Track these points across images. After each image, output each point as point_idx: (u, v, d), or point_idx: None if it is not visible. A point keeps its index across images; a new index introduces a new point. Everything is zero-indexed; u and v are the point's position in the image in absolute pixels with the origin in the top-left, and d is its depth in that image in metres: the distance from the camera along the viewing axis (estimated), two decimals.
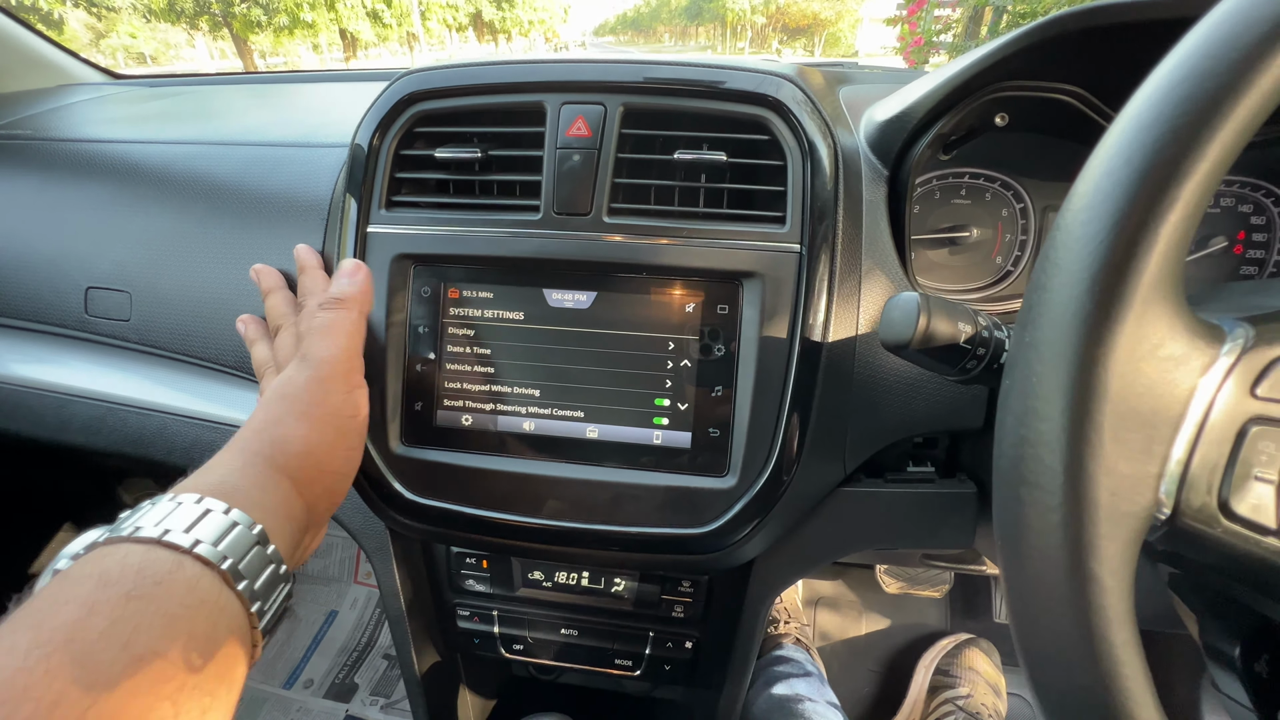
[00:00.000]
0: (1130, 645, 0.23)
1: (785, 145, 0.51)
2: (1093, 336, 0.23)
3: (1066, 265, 0.24)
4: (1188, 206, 0.22)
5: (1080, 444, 0.23)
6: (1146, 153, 0.22)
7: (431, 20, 29.74)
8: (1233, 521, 0.24)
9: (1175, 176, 0.22)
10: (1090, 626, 0.22)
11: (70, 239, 0.67)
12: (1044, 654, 0.24)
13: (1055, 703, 0.25)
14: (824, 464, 0.52)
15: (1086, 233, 0.23)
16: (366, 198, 0.55)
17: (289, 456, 0.41)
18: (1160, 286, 0.23)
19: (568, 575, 0.61)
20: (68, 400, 0.66)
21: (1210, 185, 0.22)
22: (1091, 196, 0.24)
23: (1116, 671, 0.22)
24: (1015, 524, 0.25)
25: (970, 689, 1.13)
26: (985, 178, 0.64)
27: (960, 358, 0.37)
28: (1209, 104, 0.21)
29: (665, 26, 70.11)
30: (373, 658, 1.33)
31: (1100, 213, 0.23)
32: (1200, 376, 0.23)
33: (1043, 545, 0.23)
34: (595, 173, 0.52)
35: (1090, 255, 0.23)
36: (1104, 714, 0.23)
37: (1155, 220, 0.22)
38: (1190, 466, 0.23)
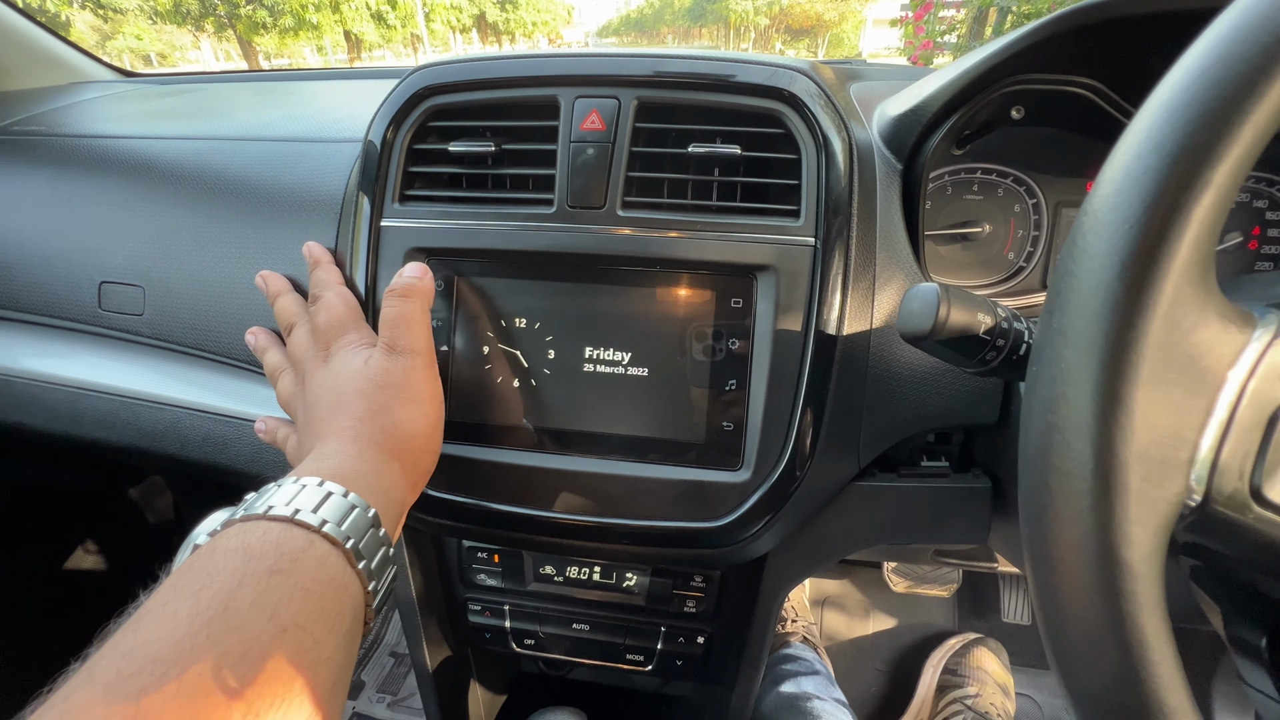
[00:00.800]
0: (1162, 633, 0.22)
1: (799, 138, 0.51)
2: (1124, 321, 0.22)
3: (1095, 250, 0.23)
4: (1220, 190, 0.22)
5: (1111, 429, 0.22)
6: (1178, 136, 0.22)
7: (435, 22, 29.83)
8: (1265, 508, 0.23)
9: (1208, 160, 0.22)
10: (1121, 614, 0.22)
11: (84, 234, 0.67)
12: (1073, 643, 0.24)
13: (1084, 692, 0.25)
14: (838, 459, 0.52)
15: (1116, 217, 0.23)
16: (380, 192, 0.55)
17: (399, 440, 0.43)
18: (1192, 271, 0.22)
19: (580, 570, 0.61)
20: (81, 394, 0.66)
21: (1243, 169, 0.22)
22: (1121, 181, 0.24)
23: (1148, 658, 0.22)
24: (1044, 513, 0.24)
25: (979, 688, 1.12)
26: (998, 173, 0.64)
27: (980, 349, 0.37)
28: (1241, 86, 0.21)
29: (668, 28, 70.26)
30: (379, 655, 1.33)
31: (1131, 197, 0.23)
32: (1232, 362, 0.23)
33: (1072, 533, 0.23)
34: (609, 166, 0.52)
35: (1121, 239, 0.23)
36: (1136, 702, 0.23)
37: (1187, 204, 0.22)
38: (1222, 453, 0.23)
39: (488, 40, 54.47)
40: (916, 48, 4.04)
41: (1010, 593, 1.30)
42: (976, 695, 1.11)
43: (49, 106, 0.84)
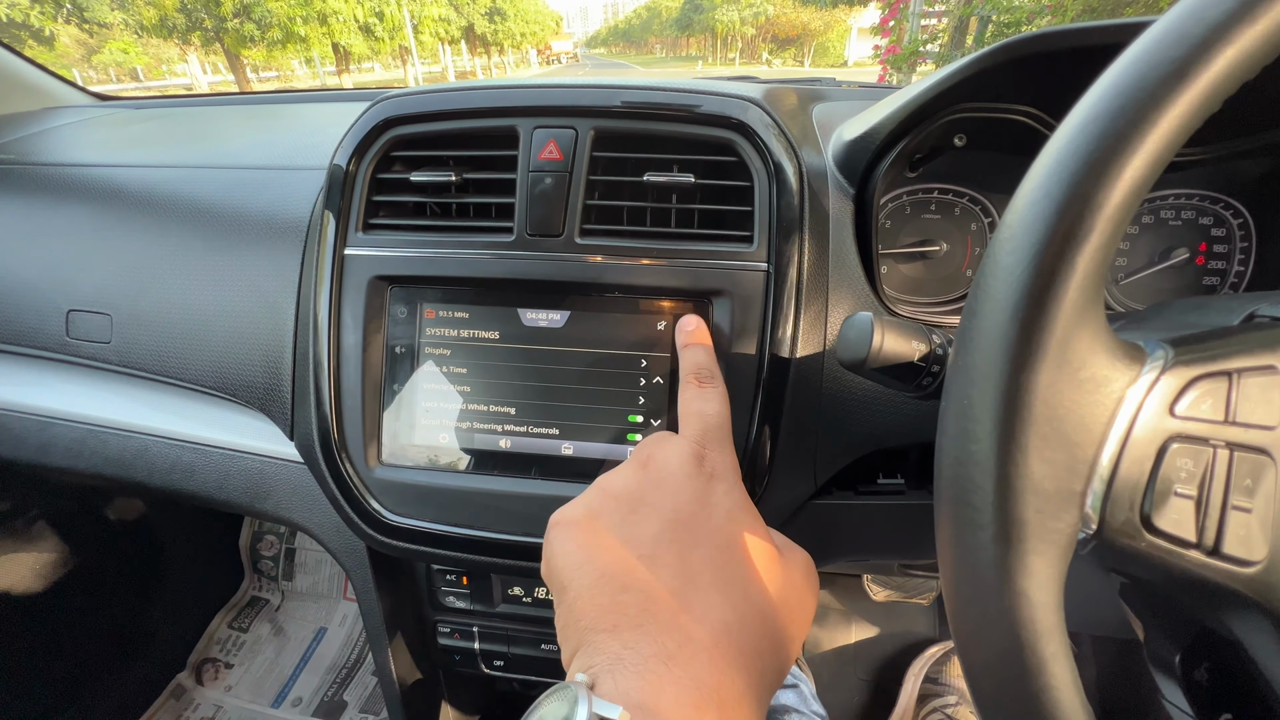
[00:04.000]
0: (1060, 658, 0.24)
1: (752, 166, 0.52)
2: (1017, 362, 0.24)
3: (994, 293, 0.25)
4: (1103, 236, 0.23)
5: (1007, 465, 0.24)
6: (1064, 186, 0.24)
7: (424, 34, 29.96)
8: (1155, 536, 0.25)
9: (1089, 208, 0.23)
10: (1020, 641, 0.23)
11: (52, 262, 0.67)
12: (981, 667, 0.25)
13: (992, 713, 0.26)
14: (794, 478, 0.53)
15: (1010, 262, 0.24)
16: (344, 220, 0.56)
17: (763, 658, 0.31)
18: (1081, 313, 0.24)
19: (548, 591, 0.61)
20: (49, 423, 0.66)
21: (1126, 214, 0.23)
22: (1015, 228, 0.25)
23: (1046, 684, 0.23)
24: (951, 542, 0.25)
25: (959, 697, 1.13)
26: (954, 193, 0.65)
27: (915, 375, 0.38)
28: (1117, 140, 0.23)
29: (656, 38, 70.68)
30: (362, 674, 1.33)
31: (1022, 244, 0.24)
32: (1121, 397, 0.25)
33: (975, 562, 0.24)
34: (567, 195, 0.53)
35: (1014, 284, 0.24)
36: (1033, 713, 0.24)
37: (1072, 251, 0.23)
38: (1114, 484, 0.25)
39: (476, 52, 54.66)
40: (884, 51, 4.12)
41: None
42: (956, 704, 1.12)
43: (20, 134, 0.85)
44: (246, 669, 1.33)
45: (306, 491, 0.60)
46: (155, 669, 1.26)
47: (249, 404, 0.61)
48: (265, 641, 1.38)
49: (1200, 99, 0.22)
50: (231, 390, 0.61)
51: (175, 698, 1.26)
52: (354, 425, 0.55)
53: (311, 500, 0.60)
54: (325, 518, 0.59)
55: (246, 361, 0.61)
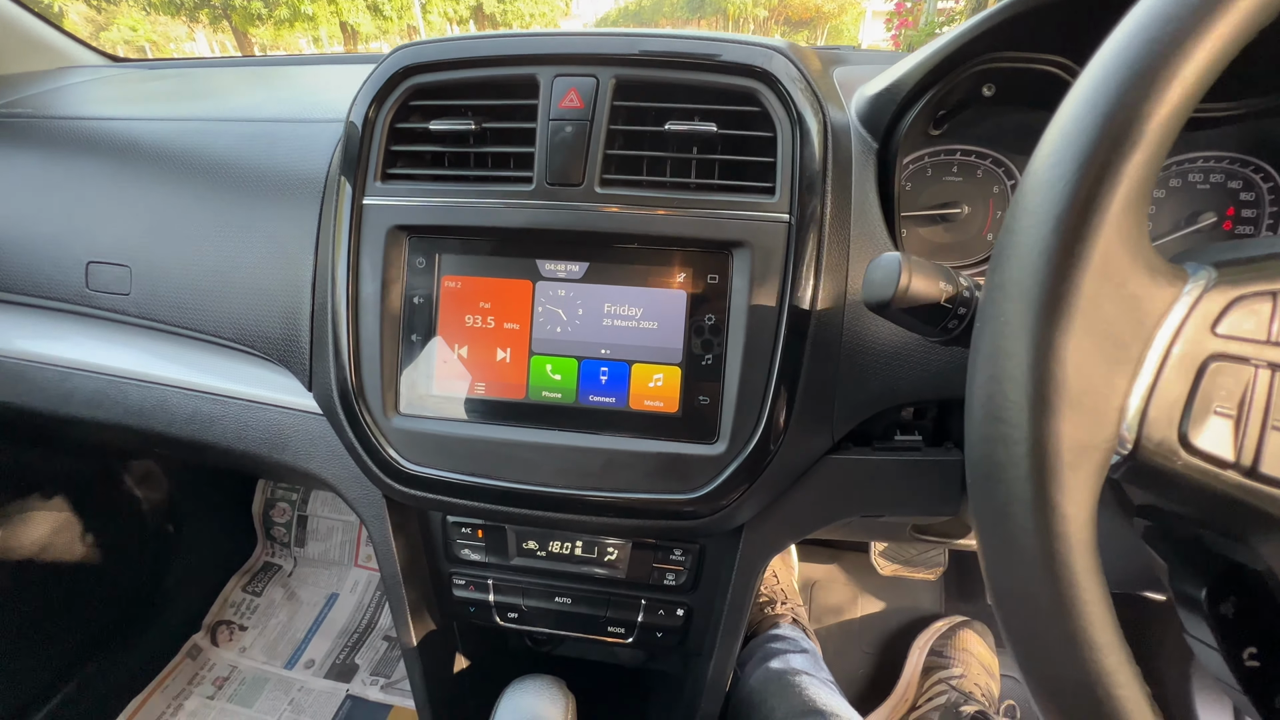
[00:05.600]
0: (1092, 573, 0.23)
1: (775, 116, 0.52)
2: (1058, 274, 0.23)
3: (1033, 207, 0.24)
4: (1151, 147, 0.23)
5: (1045, 379, 0.23)
6: (1111, 95, 0.23)
7: (432, 14, 29.62)
8: (1192, 455, 0.24)
9: (1139, 117, 0.22)
10: (1053, 554, 0.23)
11: (71, 215, 0.67)
12: (1009, 585, 0.25)
13: (1020, 633, 0.26)
14: (812, 432, 0.53)
15: (1053, 175, 0.24)
16: (362, 170, 0.56)
17: None
18: (1124, 226, 0.23)
19: (561, 545, 0.62)
20: (70, 373, 0.67)
21: (1173, 127, 0.23)
22: (1059, 140, 0.24)
23: (1078, 597, 0.23)
24: (984, 461, 0.25)
25: (964, 669, 1.14)
26: (977, 155, 0.64)
27: (941, 317, 0.38)
28: (1170, 45, 0.22)
29: (667, 20, 69.70)
30: (373, 639, 1.35)
31: (1066, 155, 0.24)
32: (1163, 314, 0.24)
33: (1009, 479, 0.24)
34: (587, 144, 0.52)
35: (1056, 196, 0.24)
36: (1066, 638, 0.24)
37: (1119, 160, 0.23)
38: (1151, 402, 0.24)
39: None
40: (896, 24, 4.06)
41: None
42: (961, 675, 1.13)
43: (36, 90, 0.85)
44: (260, 631, 1.35)
45: (325, 442, 0.60)
46: (172, 629, 1.28)
47: (267, 356, 0.62)
48: (278, 606, 1.40)
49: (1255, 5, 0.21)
50: (250, 342, 0.62)
51: (191, 657, 1.28)
52: (372, 375, 0.55)
53: (329, 451, 0.60)
54: (343, 468, 0.60)
55: (265, 313, 0.61)
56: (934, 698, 1.11)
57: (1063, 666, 0.24)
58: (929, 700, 1.12)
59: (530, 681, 0.52)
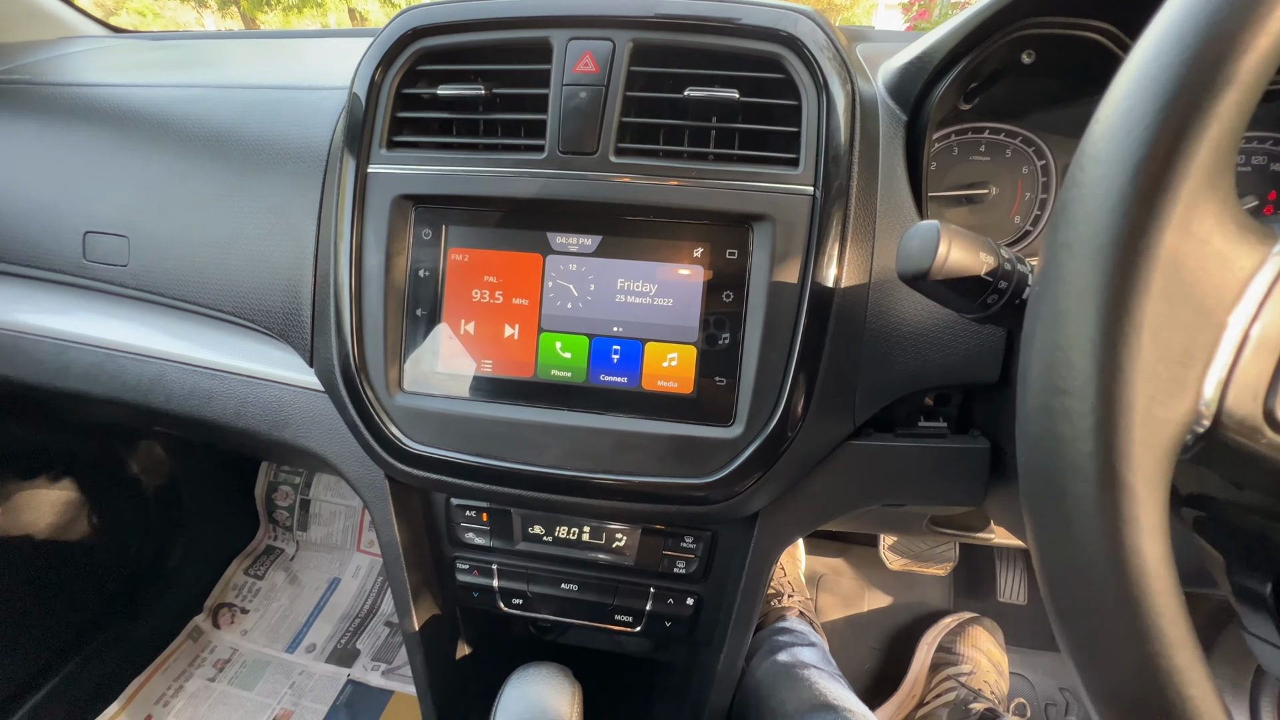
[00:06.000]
0: (1164, 560, 0.21)
1: (800, 84, 0.49)
2: (1135, 228, 0.21)
3: (1106, 156, 0.22)
4: (1245, 87, 0.20)
5: (1118, 345, 0.21)
6: (1200, 29, 0.21)
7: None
8: (1278, 432, 0.22)
9: (1233, 51, 0.20)
10: (1120, 539, 0.21)
11: (69, 182, 0.65)
12: (1067, 572, 0.23)
13: (1077, 627, 0.23)
14: (832, 416, 0.51)
15: (1130, 120, 0.21)
16: (367, 137, 0.53)
17: None
18: (1211, 176, 0.21)
19: (568, 530, 0.60)
20: (67, 346, 0.65)
21: (1271, 63, 0.20)
22: (1136, 82, 0.22)
23: (1148, 586, 0.21)
24: (1043, 436, 0.23)
25: (973, 666, 1.12)
26: (1006, 133, 0.62)
27: (981, 291, 0.35)
28: None
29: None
30: (374, 624, 1.34)
31: (1146, 97, 0.21)
32: (1250, 276, 0.22)
33: (1072, 455, 0.22)
34: (602, 111, 0.50)
35: (1134, 142, 0.21)
36: (1131, 633, 0.21)
37: (1209, 100, 0.20)
38: (1234, 374, 0.22)
39: None
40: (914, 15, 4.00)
41: (1007, 572, 1.30)
42: (970, 673, 1.11)
43: (36, 58, 0.83)
44: (262, 615, 1.35)
45: (326, 420, 0.58)
46: (173, 611, 1.28)
47: (268, 330, 0.60)
48: (280, 589, 1.39)
49: None
50: (250, 316, 0.60)
51: (193, 639, 1.28)
52: (375, 350, 0.53)
53: (331, 429, 0.58)
54: (345, 447, 0.58)
55: (266, 286, 0.59)
56: (942, 694, 1.09)
57: (1127, 664, 0.22)
58: (937, 697, 1.10)
59: (535, 669, 0.50)
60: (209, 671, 1.24)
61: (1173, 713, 0.21)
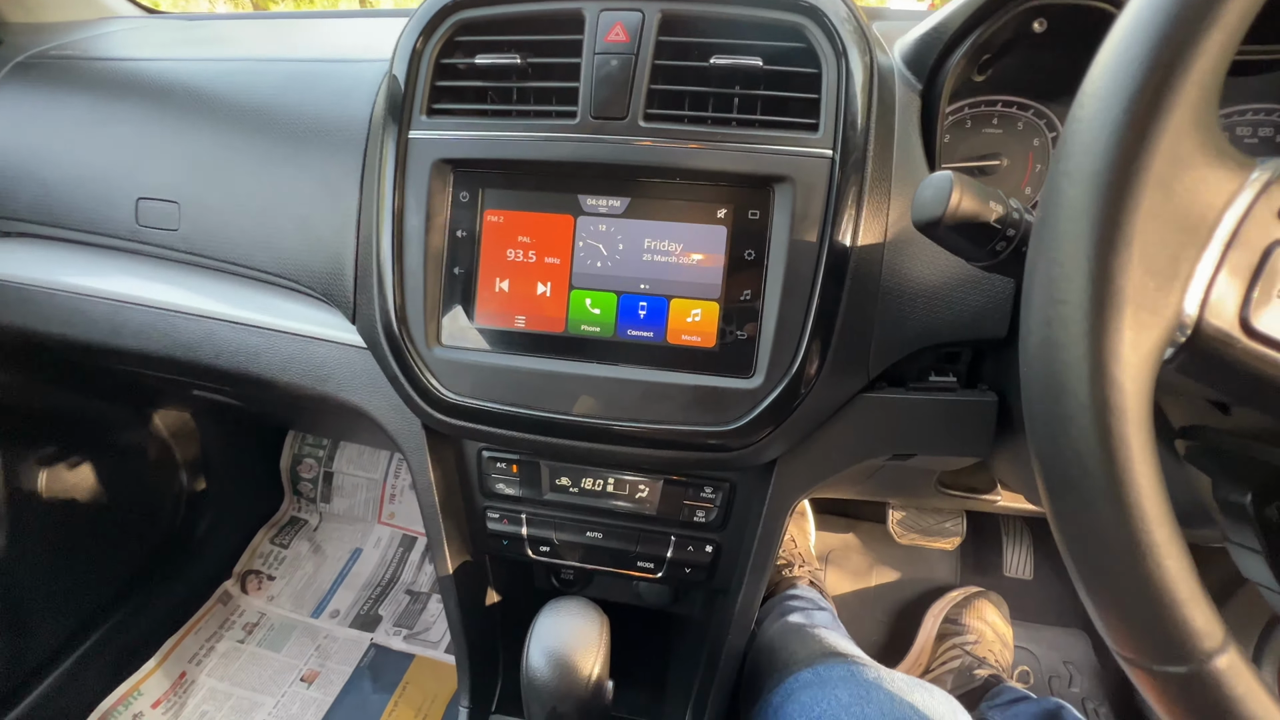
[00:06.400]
0: (1146, 448, 0.24)
1: (821, 52, 0.51)
2: (1126, 155, 0.24)
3: (1103, 91, 0.25)
4: (1227, 28, 0.23)
5: (1109, 257, 0.24)
6: None
7: None
8: (1252, 339, 0.25)
9: None
10: (1109, 427, 0.24)
11: (120, 153, 0.69)
12: (1063, 461, 0.26)
13: (1070, 509, 0.26)
14: (847, 370, 0.54)
15: (1124, 59, 0.24)
16: (408, 105, 0.56)
17: None
18: (1196, 109, 0.23)
19: (594, 481, 0.63)
20: (121, 307, 0.69)
21: (1248, 12, 0.23)
22: (1131, 25, 0.25)
23: (1133, 469, 0.24)
24: (1043, 343, 0.26)
25: (977, 637, 1.15)
26: (1019, 105, 0.64)
27: (990, 238, 0.38)
28: None
29: None
30: (396, 592, 1.38)
31: (1139, 37, 0.24)
32: (1230, 199, 0.24)
33: (1067, 358, 0.25)
34: (632, 78, 0.53)
35: (1127, 77, 0.24)
36: (1116, 514, 0.24)
37: (1195, 40, 0.23)
38: (1213, 287, 0.25)
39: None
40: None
41: (1013, 548, 1.32)
42: (975, 642, 1.13)
43: (81, 36, 0.86)
44: (287, 581, 1.39)
45: (367, 375, 0.62)
46: (204, 576, 1.33)
47: (311, 291, 0.63)
48: (305, 558, 1.44)
49: None
50: (295, 278, 0.63)
51: (222, 603, 1.33)
52: (415, 307, 0.56)
53: (372, 383, 0.62)
54: (385, 399, 0.61)
55: (310, 249, 0.62)
56: (948, 661, 1.12)
57: (1113, 541, 0.25)
58: (943, 664, 1.13)
59: (567, 601, 0.54)
60: (238, 634, 1.29)
61: (1151, 581, 0.24)
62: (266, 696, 1.19)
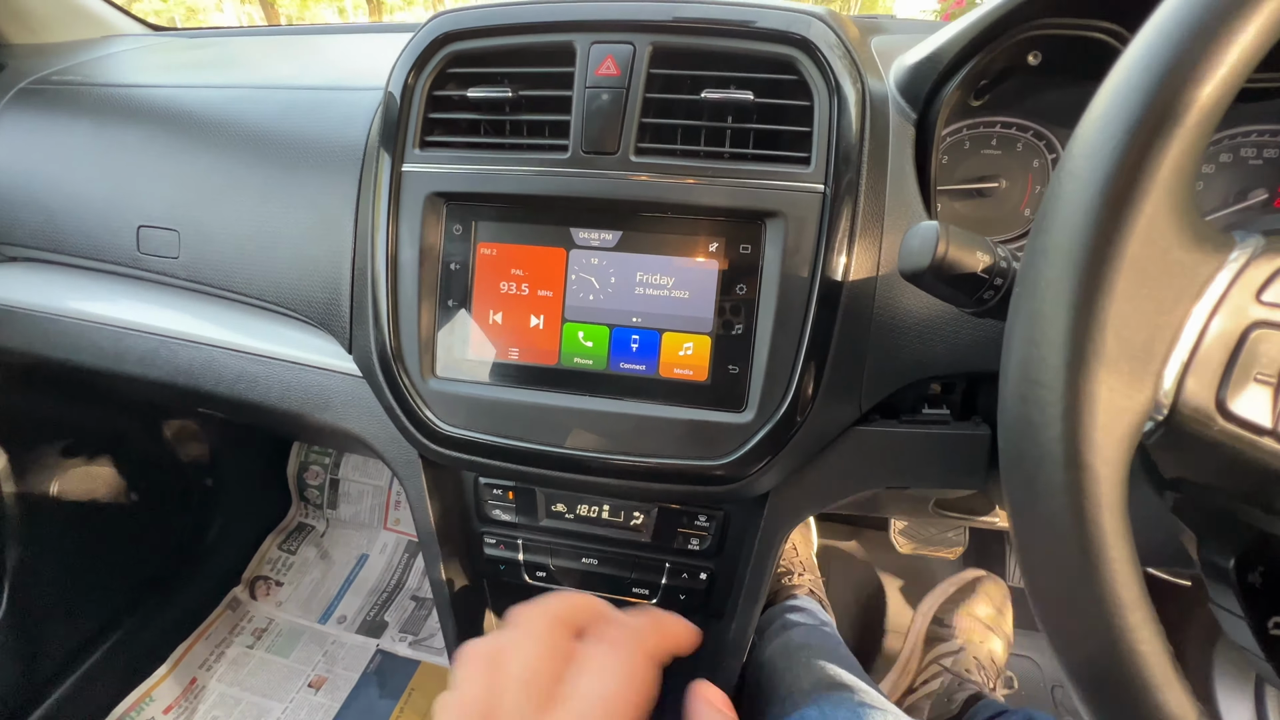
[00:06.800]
0: (1120, 533, 0.24)
1: (813, 84, 0.51)
2: (1101, 237, 0.23)
3: (1080, 170, 0.24)
4: (1204, 111, 0.23)
5: (1084, 342, 0.24)
6: (1165, 57, 0.23)
7: None
8: (1229, 421, 0.25)
9: (1193, 79, 0.22)
10: (1083, 513, 0.24)
11: (122, 180, 0.70)
12: (1037, 547, 0.26)
13: (1046, 595, 0.26)
14: (839, 403, 0.54)
15: (1101, 139, 0.24)
16: (401, 138, 0.57)
17: None
18: (1172, 192, 0.23)
19: (589, 508, 0.64)
20: (124, 333, 0.70)
21: (1227, 94, 0.22)
22: (1108, 105, 0.24)
23: (1105, 555, 0.24)
24: (1018, 422, 0.26)
25: (964, 641, 1.12)
26: (1018, 127, 0.63)
27: (977, 287, 0.38)
28: (1227, 9, 0.22)
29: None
30: (401, 598, 1.40)
31: (1115, 119, 0.24)
32: (1208, 280, 0.24)
33: (1042, 440, 0.25)
34: (623, 112, 0.52)
35: (1105, 159, 0.24)
36: (1090, 597, 0.24)
37: (1170, 125, 0.23)
38: (1190, 368, 0.24)
39: None
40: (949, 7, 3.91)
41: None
42: (959, 650, 1.11)
43: (84, 58, 0.87)
44: (295, 587, 1.42)
45: (364, 403, 0.62)
46: (213, 582, 1.35)
47: (309, 320, 0.64)
48: (312, 564, 1.46)
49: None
50: (293, 306, 0.64)
51: (232, 609, 1.35)
52: (410, 339, 0.57)
53: (368, 411, 0.63)
54: (382, 428, 0.62)
55: (307, 279, 0.63)
56: (929, 680, 1.10)
57: (1087, 625, 0.25)
58: (925, 683, 1.11)
59: None
60: (247, 639, 1.31)
61: (1125, 665, 0.24)
62: (275, 702, 1.21)
